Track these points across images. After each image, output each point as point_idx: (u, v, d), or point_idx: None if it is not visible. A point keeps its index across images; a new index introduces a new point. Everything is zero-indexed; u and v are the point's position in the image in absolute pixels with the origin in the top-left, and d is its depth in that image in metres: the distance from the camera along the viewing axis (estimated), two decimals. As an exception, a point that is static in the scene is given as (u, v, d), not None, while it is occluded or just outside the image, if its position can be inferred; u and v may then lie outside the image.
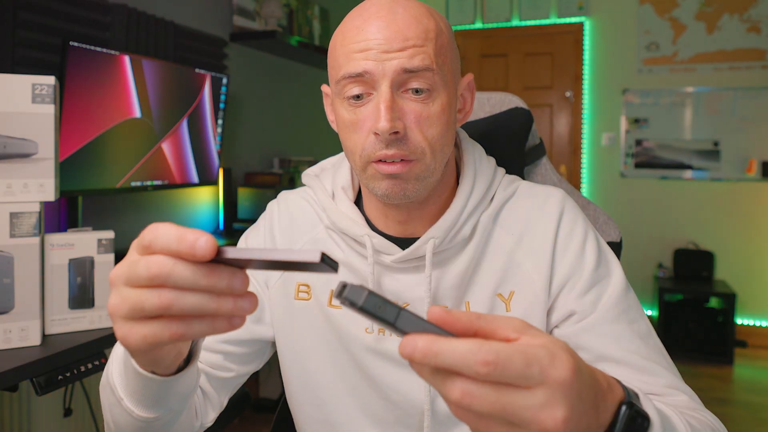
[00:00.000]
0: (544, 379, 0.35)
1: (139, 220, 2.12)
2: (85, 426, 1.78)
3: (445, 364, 0.34)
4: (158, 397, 0.55)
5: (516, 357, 0.34)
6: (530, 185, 0.79)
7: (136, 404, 0.57)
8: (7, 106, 1.05)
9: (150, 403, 0.56)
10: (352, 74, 0.64)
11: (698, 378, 3.24)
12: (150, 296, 0.40)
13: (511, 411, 0.34)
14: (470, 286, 0.73)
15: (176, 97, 2.03)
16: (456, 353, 0.34)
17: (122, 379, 0.57)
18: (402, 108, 0.65)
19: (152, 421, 0.58)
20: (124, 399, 0.57)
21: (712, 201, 3.87)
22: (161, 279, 0.39)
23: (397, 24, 0.64)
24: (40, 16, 1.65)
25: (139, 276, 0.40)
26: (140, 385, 0.54)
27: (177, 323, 0.41)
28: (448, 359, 0.34)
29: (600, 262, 0.73)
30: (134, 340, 0.42)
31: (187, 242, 0.39)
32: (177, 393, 0.56)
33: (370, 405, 0.75)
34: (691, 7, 3.85)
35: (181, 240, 0.39)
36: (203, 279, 0.39)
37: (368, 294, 0.36)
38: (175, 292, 0.40)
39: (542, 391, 0.35)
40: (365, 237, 0.72)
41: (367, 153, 0.66)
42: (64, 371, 1.11)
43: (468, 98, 0.75)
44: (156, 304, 0.40)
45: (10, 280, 1.05)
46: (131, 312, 0.41)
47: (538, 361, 0.35)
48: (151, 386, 0.53)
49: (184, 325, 0.41)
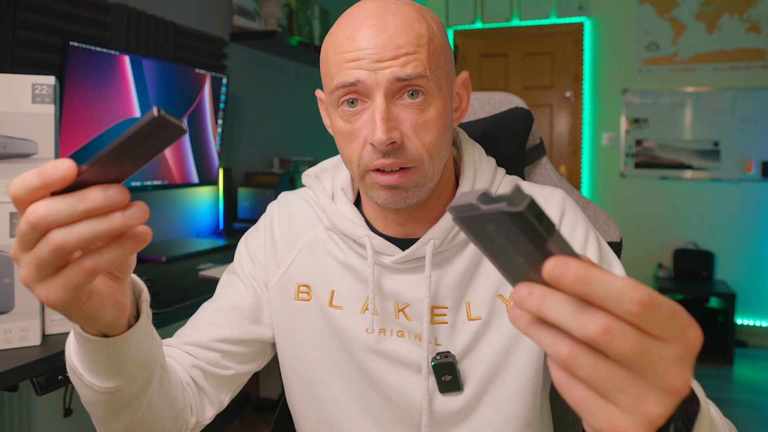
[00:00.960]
0: (683, 335, 0.34)
1: (139, 220, 2.12)
2: (85, 426, 1.78)
3: (596, 294, 0.32)
4: (113, 363, 0.55)
5: (664, 306, 0.33)
6: (530, 186, 0.79)
7: (93, 375, 0.56)
8: (7, 106, 1.05)
9: (106, 371, 0.55)
10: (345, 84, 0.64)
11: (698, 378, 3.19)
12: (43, 247, 0.40)
13: (647, 359, 0.33)
14: (470, 287, 0.73)
15: (176, 97, 2.03)
16: (612, 286, 0.32)
17: (77, 353, 0.56)
18: (398, 116, 0.64)
19: (114, 391, 0.56)
20: (83, 375, 0.56)
21: (712, 201, 3.87)
22: (42, 225, 0.40)
23: (388, 31, 0.63)
24: (40, 16, 1.65)
25: (24, 234, 0.41)
26: (92, 352, 0.53)
27: (85, 259, 0.41)
28: (603, 290, 0.32)
29: (601, 263, 0.73)
30: (55, 295, 0.42)
31: (44, 173, 0.39)
32: (132, 357, 0.55)
33: (370, 405, 0.75)
34: (691, 7, 3.85)
35: (39, 174, 0.39)
36: (79, 204, 0.39)
37: (531, 201, 0.32)
38: (61, 230, 0.40)
39: (679, 346, 0.34)
40: (365, 238, 0.72)
41: (364, 162, 0.66)
42: (64, 371, 1.11)
43: (464, 96, 0.74)
44: (50, 249, 0.40)
45: (10, 280, 1.05)
46: (38, 271, 0.41)
47: (681, 316, 0.34)
48: (102, 350, 0.53)
49: (93, 258, 0.41)
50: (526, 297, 0.35)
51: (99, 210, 0.40)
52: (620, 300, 0.32)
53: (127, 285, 0.52)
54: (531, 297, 0.34)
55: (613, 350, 0.33)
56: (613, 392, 0.33)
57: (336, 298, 0.76)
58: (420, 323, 0.73)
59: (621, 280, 0.32)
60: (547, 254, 0.33)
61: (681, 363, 0.34)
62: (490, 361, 0.72)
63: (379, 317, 0.74)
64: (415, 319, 0.73)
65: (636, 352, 0.33)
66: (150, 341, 0.58)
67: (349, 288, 0.76)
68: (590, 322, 0.33)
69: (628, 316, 0.32)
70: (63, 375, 1.11)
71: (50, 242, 0.40)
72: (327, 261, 0.78)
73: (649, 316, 0.32)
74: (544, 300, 0.34)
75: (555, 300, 0.34)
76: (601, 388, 0.34)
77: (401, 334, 0.74)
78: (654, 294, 0.33)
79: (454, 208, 0.35)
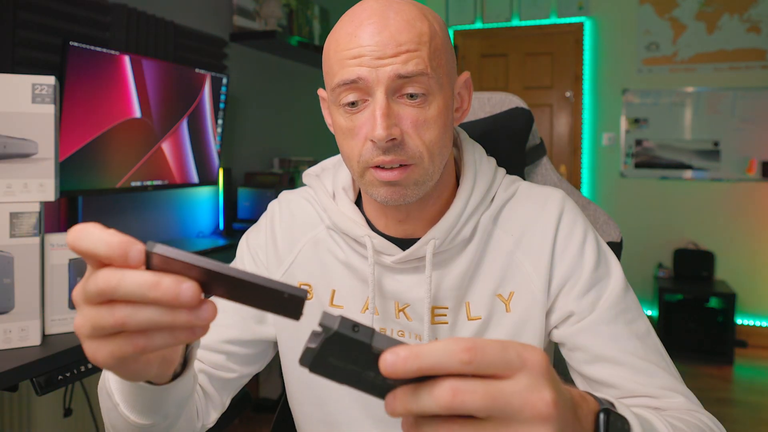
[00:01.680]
0: (524, 362, 0.35)
1: (139, 220, 2.12)
2: (85, 426, 1.78)
3: (430, 362, 0.34)
4: (153, 405, 0.55)
5: (490, 346, 0.35)
6: (530, 186, 0.79)
7: (131, 410, 0.56)
8: (7, 106, 1.05)
9: (145, 410, 0.56)
10: (347, 81, 0.64)
11: (698, 378, 3.24)
12: (105, 314, 0.39)
13: (501, 399, 0.34)
14: (470, 287, 0.73)
15: (176, 97, 2.03)
16: (437, 350, 0.34)
17: (118, 385, 0.57)
18: (398, 113, 0.64)
19: (148, 427, 0.58)
20: (119, 405, 0.57)
21: (712, 201, 3.87)
22: (109, 295, 0.38)
23: (390, 29, 0.63)
24: (40, 16, 1.65)
25: (91, 293, 0.39)
26: (134, 393, 0.54)
27: (138, 336, 0.40)
28: (433, 355, 0.34)
29: (599, 263, 0.73)
30: (102, 358, 0.41)
31: (125, 258, 0.38)
32: (173, 400, 0.56)
33: (370, 404, 0.75)
34: (691, 7, 3.85)
35: (121, 256, 0.38)
36: (150, 292, 0.38)
37: (341, 319, 0.36)
38: (128, 308, 0.39)
39: (524, 375, 0.35)
40: (366, 238, 0.72)
41: (364, 159, 0.66)
42: (64, 371, 1.11)
43: (465, 96, 0.74)
44: (111, 322, 0.39)
45: (10, 280, 1.05)
46: (93, 331, 0.40)
47: (512, 346, 0.35)
48: (145, 394, 0.53)
49: (146, 338, 0.40)
50: (393, 405, 0.36)
51: (167, 303, 0.38)
52: (450, 356, 0.34)
53: None
54: (396, 402, 0.36)
55: (469, 407, 0.34)
56: None
57: (337, 298, 0.76)
58: (420, 323, 0.73)
59: (443, 341, 0.35)
60: (378, 351, 0.36)
61: (535, 388, 0.35)
62: None
63: (379, 317, 0.74)
64: (415, 319, 0.73)
65: (488, 398, 0.34)
66: (192, 382, 0.59)
67: (350, 287, 0.76)
68: (439, 394, 0.34)
69: (465, 368, 0.34)
70: (63, 375, 1.11)
71: (114, 315, 0.39)
72: (328, 260, 0.78)
73: (481, 357, 0.34)
74: (404, 400, 0.36)
75: (409, 393, 0.36)
76: None
77: (402, 334, 0.74)
78: (477, 339, 0.36)
79: (301, 361, 0.38)
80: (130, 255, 0.38)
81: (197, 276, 0.38)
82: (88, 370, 1.17)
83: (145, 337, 0.40)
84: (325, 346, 0.36)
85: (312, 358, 0.37)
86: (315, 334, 0.37)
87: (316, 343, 0.36)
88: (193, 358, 0.55)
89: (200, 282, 0.39)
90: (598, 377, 0.69)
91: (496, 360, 0.34)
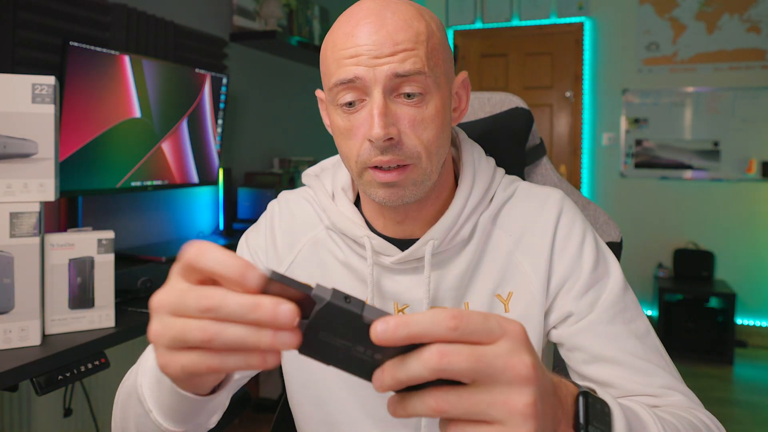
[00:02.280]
0: (504, 330, 0.38)
1: (139, 220, 2.12)
2: (85, 426, 1.78)
3: (417, 329, 0.36)
4: (190, 414, 0.55)
5: (473, 314, 0.37)
6: (529, 186, 0.79)
7: (165, 418, 0.56)
8: (7, 106, 1.05)
9: (181, 418, 0.56)
10: (344, 81, 0.64)
11: (698, 378, 3.24)
12: (194, 328, 0.39)
13: (485, 361, 0.36)
14: (469, 287, 0.73)
15: (176, 97, 2.03)
16: (425, 317, 0.37)
17: (153, 393, 0.57)
18: (396, 113, 0.64)
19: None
20: (153, 411, 0.57)
21: (712, 201, 3.87)
22: (212, 312, 0.38)
23: (387, 28, 0.63)
24: (40, 16, 1.65)
25: (187, 307, 0.39)
26: (174, 402, 0.53)
27: (214, 356, 0.40)
28: (420, 323, 0.36)
29: (598, 263, 0.73)
30: (173, 369, 0.41)
31: (236, 272, 0.38)
32: (209, 410, 0.57)
33: (370, 404, 0.75)
34: (691, 7, 3.85)
35: (240, 277, 0.38)
36: (249, 314, 0.37)
37: (334, 290, 0.37)
38: (219, 325, 0.38)
39: (505, 340, 0.38)
40: (365, 238, 0.72)
41: (362, 159, 0.65)
42: (64, 371, 1.11)
43: (463, 96, 0.74)
44: (198, 337, 0.39)
45: (10, 280, 1.05)
46: (173, 342, 0.40)
47: (493, 316, 0.38)
48: (186, 404, 0.53)
49: (220, 359, 0.40)
50: (381, 378, 0.38)
51: (266, 323, 0.38)
52: (437, 324, 0.36)
53: None
54: (385, 374, 0.38)
55: (455, 368, 0.36)
56: (485, 410, 0.37)
57: None
58: (420, 323, 0.73)
59: (430, 311, 0.37)
60: (369, 325, 0.37)
61: (515, 352, 0.37)
62: None
63: None
64: (414, 319, 0.73)
65: (473, 359, 0.36)
66: (227, 395, 0.60)
67: (349, 288, 0.76)
68: (427, 357, 0.36)
69: (451, 333, 0.36)
70: (63, 375, 1.11)
71: (204, 331, 0.38)
72: (328, 260, 0.78)
73: (465, 324, 0.37)
74: (393, 370, 0.38)
75: (397, 363, 0.38)
76: (476, 414, 0.37)
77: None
78: (460, 309, 0.39)
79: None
80: (248, 278, 0.38)
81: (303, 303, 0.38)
82: (88, 370, 1.17)
83: (220, 357, 0.40)
84: (317, 318, 0.37)
85: (307, 338, 0.38)
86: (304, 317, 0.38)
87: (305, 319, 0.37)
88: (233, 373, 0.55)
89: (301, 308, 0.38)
90: (597, 377, 0.69)
91: (479, 327, 0.37)
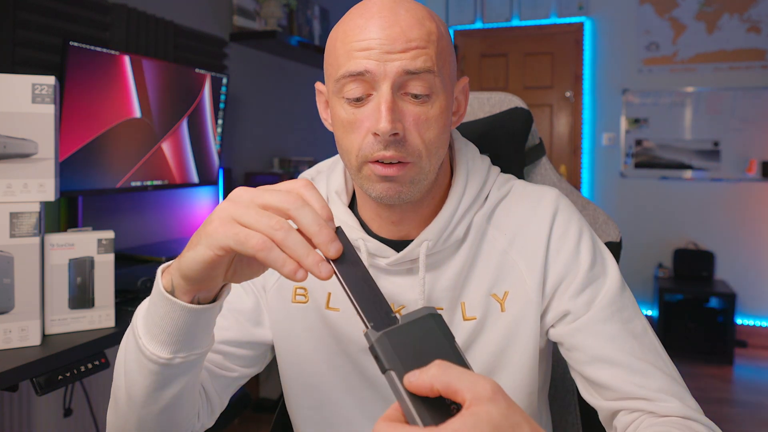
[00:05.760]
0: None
1: (139, 220, 2.12)
2: (85, 426, 1.78)
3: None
4: (178, 331, 0.57)
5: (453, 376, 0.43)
6: (525, 184, 0.79)
7: (152, 340, 0.58)
8: (7, 106, 1.05)
9: (167, 339, 0.58)
10: (353, 73, 0.64)
11: (698, 378, 3.24)
12: (271, 215, 0.50)
13: None
14: (465, 287, 0.73)
15: (176, 97, 2.03)
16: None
17: (146, 318, 0.59)
18: (401, 110, 0.64)
19: (164, 364, 0.59)
20: (142, 337, 0.59)
21: (712, 201, 3.87)
22: (292, 211, 0.50)
23: (400, 24, 0.63)
24: (40, 16, 1.65)
25: (276, 196, 0.51)
26: (166, 314, 0.57)
27: (266, 241, 0.49)
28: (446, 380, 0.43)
29: (595, 262, 0.72)
30: (221, 236, 0.51)
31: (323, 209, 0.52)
32: (195, 333, 0.59)
33: (368, 406, 0.75)
34: (691, 7, 3.85)
35: (324, 210, 0.52)
36: (316, 227, 0.50)
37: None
38: (288, 225, 0.50)
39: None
40: (360, 241, 0.72)
41: (364, 153, 0.65)
42: (64, 371, 1.11)
43: (462, 101, 0.75)
44: (270, 223, 0.50)
45: (10, 280, 1.05)
46: (247, 207, 0.51)
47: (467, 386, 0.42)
48: (177, 315, 0.57)
49: (269, 247, 0.49)
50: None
51: (317, 243, 0.50)
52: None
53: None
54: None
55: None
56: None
57: (333, 300, 0.76)
58: (417, 324, 0.73)
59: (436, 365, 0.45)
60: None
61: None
62: (486, 360, 0.72)
63: None
64: (411, 320, 0.73)
65: None
66: (212, 325, 0.63)
67: None
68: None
69: None
70: (63, 375, 1.11)
71: (277, 221, 0.50)
72: None
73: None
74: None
75: None
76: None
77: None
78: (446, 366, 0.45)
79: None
80: (327, 215, 0.52)
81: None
82: (88, 370, 1.17)
83: (270, 247, 0.49)
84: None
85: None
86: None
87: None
88: (222, 297, 0.60)
89: None
90: (596, 378, 0.69)
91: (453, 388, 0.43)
